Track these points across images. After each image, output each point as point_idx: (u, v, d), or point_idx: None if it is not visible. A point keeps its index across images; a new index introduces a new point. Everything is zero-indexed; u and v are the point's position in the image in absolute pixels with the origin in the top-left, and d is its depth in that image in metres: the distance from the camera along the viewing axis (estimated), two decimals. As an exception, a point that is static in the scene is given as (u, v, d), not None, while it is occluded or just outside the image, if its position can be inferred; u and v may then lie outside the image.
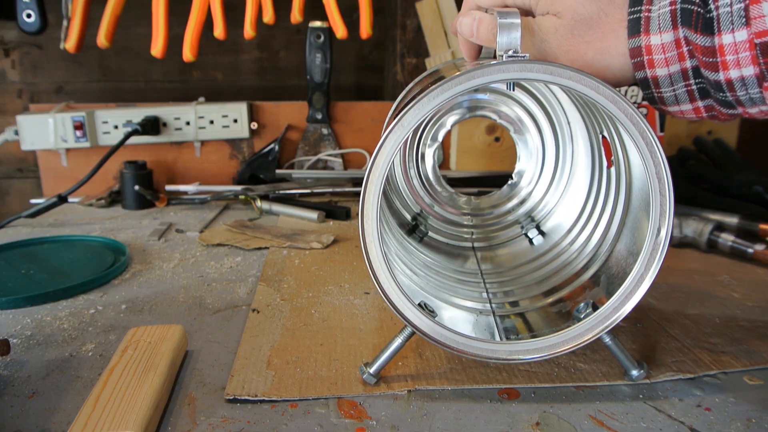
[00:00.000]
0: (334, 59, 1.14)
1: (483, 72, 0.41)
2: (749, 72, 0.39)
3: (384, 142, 0.42)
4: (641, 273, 0.44)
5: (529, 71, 0.41)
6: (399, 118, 0.41)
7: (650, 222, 0.44)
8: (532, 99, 0.67)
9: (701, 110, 0.44)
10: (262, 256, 0.79)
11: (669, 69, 0.43)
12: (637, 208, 0.49)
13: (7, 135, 1.06)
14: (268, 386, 0.47)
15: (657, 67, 0.43)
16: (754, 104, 0.41)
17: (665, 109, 0.46)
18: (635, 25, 0.43)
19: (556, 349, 0.46)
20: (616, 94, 0.41)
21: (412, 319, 0.45)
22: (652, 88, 0.44)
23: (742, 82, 0.40)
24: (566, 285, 0.57)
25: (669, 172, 0.42)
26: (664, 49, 0.42)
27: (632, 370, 0.48)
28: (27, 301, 0.64)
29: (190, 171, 1.14)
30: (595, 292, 0.52)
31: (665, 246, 0.43)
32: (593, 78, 0.41)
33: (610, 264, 0.52)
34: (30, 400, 0.46)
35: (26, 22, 0.97)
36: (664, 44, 0.42)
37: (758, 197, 0.87)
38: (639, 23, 0.43)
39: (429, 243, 0.70)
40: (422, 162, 0.71)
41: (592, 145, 0.61)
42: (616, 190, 0.54)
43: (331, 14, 1.03)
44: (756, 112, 0.42)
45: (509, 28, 0.42)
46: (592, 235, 0.57)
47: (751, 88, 0.40)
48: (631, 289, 0.45)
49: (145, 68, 1.30)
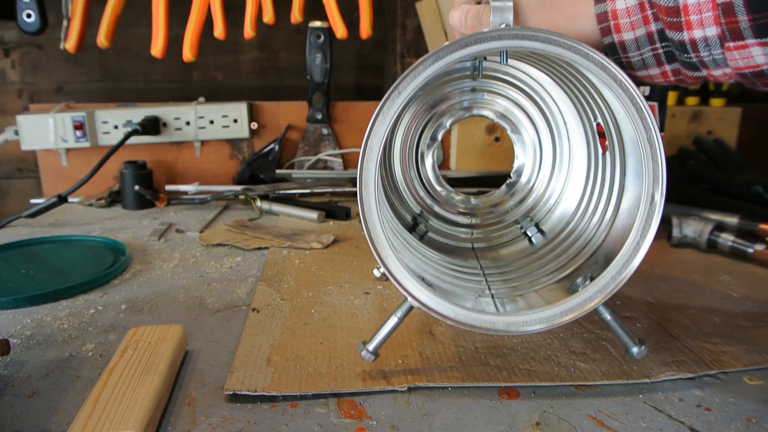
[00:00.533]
0: (334, 59, 1.14)
1: (477, 39, 0.41)
2: (712, 32, 0.40)
3: (381, 109, 0.42)
4: (637, 240, 0.44)
5: (522, 39, 0.41)
6: (395, 85, 0.42)
7: (644, 189, 0.44)
8: (527, 98, 0.67)
9: (668, 74, 0.45)
10: (262, 256, 0.79)
11: (635, 33, 0.44)
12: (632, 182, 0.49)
13: (7, 135, 1.06)
14: (267, 382, 0.47)
15: (623, 31, 0.44)
16: (718, 66, 0.42)
17: (634, 74, 0.47)
18: None
19: (554, 321, 0.45)
20: (605, 61, 0.42)
21: (412, 290, 0.45)
22: (620, 53, 0.46)
23: (705, 42, 0.40)
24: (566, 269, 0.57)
25: (660, 136, 0.43)
26: (629, 12, 0.44)
27: (633, 347, 0.47)
28: (27, 301, 0.64)
29: (190, 171, 1.14)
30: (593, 269, 0.52)
31: (659, 212, 0.43)
32: (584, 45, 0.42)
33: (607, 243, 0.52)
34: (30, 400, 0.46)
35: (26, 22, 0.97)
36: (629, 8, 0.44)
37: (758, 197, 0.87)
38: None
39: (429, 242, 0.70)
40: (422, 162, 0.71)
41: (587, 135, 0.61)
42: (612, 173, 0.54)
43: (331, 14, 1.04)
44: (720, 75, 0.43)
45: (502, 11, 0.43)
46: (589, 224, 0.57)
47: (714, 49, 0.40)
48: (627, 257, 0.45)
49: (145, 68, 1.31)
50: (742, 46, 0.39)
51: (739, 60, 0.40)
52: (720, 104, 1.18)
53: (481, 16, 0.50)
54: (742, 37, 0.38)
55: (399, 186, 0.71)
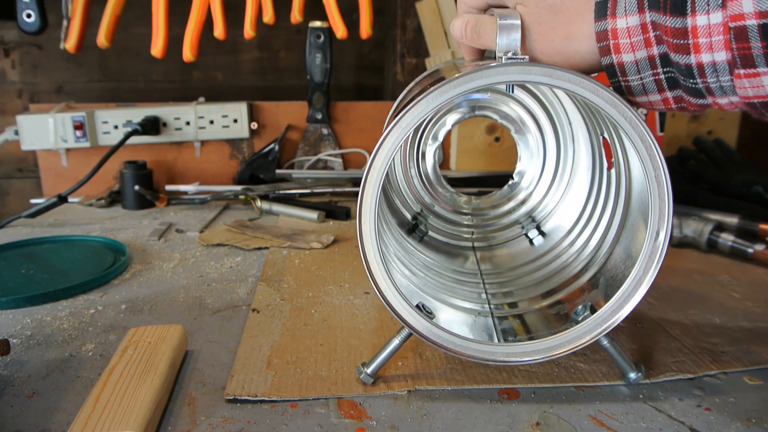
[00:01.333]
0: (334, 59, 1.14)
1: (482, 74, 0.40)
2: (721, 57, 0.37)
3: (382, 144, 0.42)
4: (639, 276, 0.44)
5: (528, 74, 0.41)
6: (397, 120, 0.41)
7: (649, 225, 0.43)
8: (533, 99, 0.67)
9: (670, 101, 0.43)
10: (262, 256, 0.79)
11: (635, 55, 0.41)
12: (636, 210, 0.49)
13: (7, 135, 1.06)
14: (268, 386, 0.47)
15: (623, 52, 0.42)
16: (725, 94, 0.39)
17: (633, 100, 0.44)
18: (602, 8, 0.42)
19: (553, 352, 0.46)
20: (615, 97, 0.41)
21: (409, 321, 0.45)
22: (619, 75, 0.43)
23: (713, 67, 0.38)
24: (565, 287, 0.57)
25: (668, 175, 0.42)
26: (630, 33, 0.41)
27: (630, 372, 0.48)
28: (27, 301, 0.64)
29: (190, 171, 1.14)
30: (593, 295, 0.52)
31: (663, 250, 0.43)
32: (593, 81, 0.41)
33: (609, 267, 0.52)
34: (30, 400, 0.46)
35: (26, 22, 0.97)
36: (630, 28, 0.41)
37: (758, 197, 0.87)
38: (606, 6, 0.42)
39: (429, 243, 0.70)
40: (423, 161, 0.71)
41: (593, 146, 0.61)
42: (616, 192, 0.54)
43: (331, 14, 1.03)
44: (726, 103, 0.40)
45: (509, 30, 0.42)
46: (592, 236, 0.57)
47: (722, 75, 0.38)
48: (629, 292, 0.45)
49: (145, 68, 1.30)
50: (753, 74, 0.37)
51: (749, 89, 0.37)
52: (720, 104, 1.18)
53: (479, 27, 0.48)
54: (754, 65, 0.36)
55: (399, 184, 0.71)
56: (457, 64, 0.59)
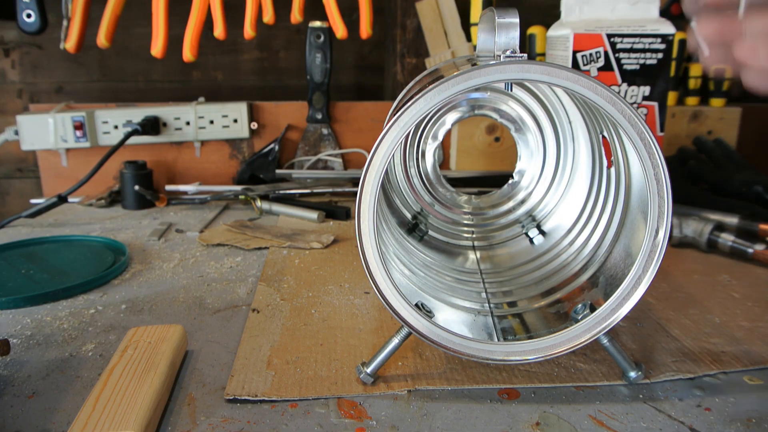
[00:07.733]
0: (334, 59, 1.14)
1: (481, 72, 0.41)
2: None
3: (381, 142, 0.42)
4: (639, 275, 0.44)
5: (527, 72, 0.41)
6: (396, 118, 0.41)
7: (648, 224, 0.43)
8: (532, 97, 0.67)
9: None
10: (262, 256, 0.79)
11: None
12: (636, 209, 0.49)
13: (7, 135, 1.06)
14: (268, 386, 0.47)
15: None
16: None
17: None
18: None
19: (552, 351, 0.46)
20: (614, 95, 0.41)
21: (409, 320, 0.45)
22: None
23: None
24: (564, 286, 0.57)
25: (667, 173, 0.42)
26: None
27: (630, 371, 0.48)
28: (27, 301, 0.64)
29: (190, 171, 1.14)
30: (593, 294, 0.52)
31: (663, 248, 0.43)
32: (591, 79, 0.41)
33: (608, 265, 0.52)
34: (30, 400, 0.46)
35: (26, 22, 0.97)
36: None
37: (758, 197, 0.87)
38: None
39: (429, 242, 0.70)
40: (423, 160, 0.71)
41: (593, 145, 0.61)
42: (616, 191, 0.54)
43: (331, 14, 1.03)
44: None
45: (507, 28, 0.42)
46: (591, 235, 0.57)
47: None
48: (628, 291, 0.45)
49: (145, 68, 1.30)
50: None
51: None
52: (720, 104, 1.18)
53: None
54: None
55: (399, 184, 0.71)
56: (456, 63, 0.59)
